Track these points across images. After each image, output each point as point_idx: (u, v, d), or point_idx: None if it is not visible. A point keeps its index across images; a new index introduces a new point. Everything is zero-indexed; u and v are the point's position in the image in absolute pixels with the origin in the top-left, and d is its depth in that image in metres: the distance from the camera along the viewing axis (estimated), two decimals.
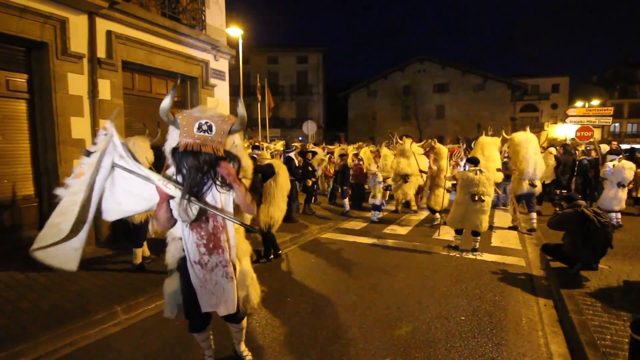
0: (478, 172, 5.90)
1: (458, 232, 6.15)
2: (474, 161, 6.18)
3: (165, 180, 2.23)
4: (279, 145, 12.47)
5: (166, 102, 2.21)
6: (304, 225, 7.61)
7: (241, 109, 2.28)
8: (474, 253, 5.94)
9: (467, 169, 6.28)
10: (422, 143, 9.01)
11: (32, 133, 5.45)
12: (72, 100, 5.50)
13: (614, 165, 7.56)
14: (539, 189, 7.47)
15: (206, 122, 2.16)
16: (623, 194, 7.59)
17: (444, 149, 8.54)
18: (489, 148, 8.73)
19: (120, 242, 5.73)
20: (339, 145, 14.96)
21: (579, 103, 28.03)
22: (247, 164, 2.51)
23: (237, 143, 2.37)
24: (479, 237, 6.03)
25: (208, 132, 2.16)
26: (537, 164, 7.24)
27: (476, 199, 5.78)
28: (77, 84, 5.54)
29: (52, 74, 5.26)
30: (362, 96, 36.02)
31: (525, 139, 7.39)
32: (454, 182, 6.67)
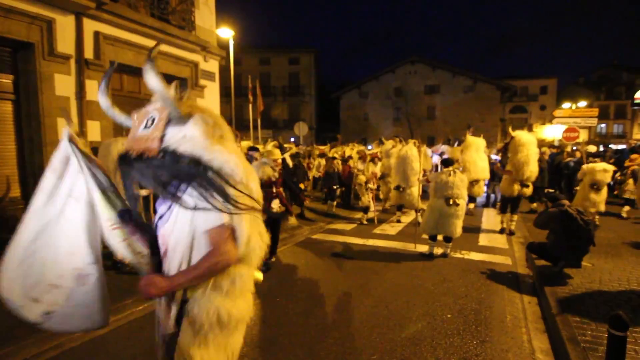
0: (452, 173, 5.58)
1: (432, 238, 5.78)
2: (447, 163, 5.87)
3: None
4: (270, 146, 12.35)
5: (100, 99, 1.74)
6: (295, 226, 7.63)
7: (152, 80, 1.49)
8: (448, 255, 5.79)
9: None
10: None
11: (18, 134, 5.39)
12: (59, 101, 5.45)
13: (585, 167, 7.56)
14: (530, 190, 7.27)
15: (152, 117, 1.54)
16: (597, 196, 7.37)
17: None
18: (481, 148, 9.02)
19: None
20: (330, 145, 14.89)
21: (566, 104, 28.52)
22: (226, 162, 1.49)
23: (192, 134, 1.50)
24: (450, 244, 5.79)
25: (149, 128, 1.52)
26: (534, 166, 7.09)
27: (451, 202, 5.45)
28: (64, 84, 5.50)
29: (39, 74, 5.21)
30: (353, 97, 36.15)
31: (530, 140, 7.22)
32: (427, 184, 6.30)
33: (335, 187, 9.60)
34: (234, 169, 1.50)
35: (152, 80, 1.49)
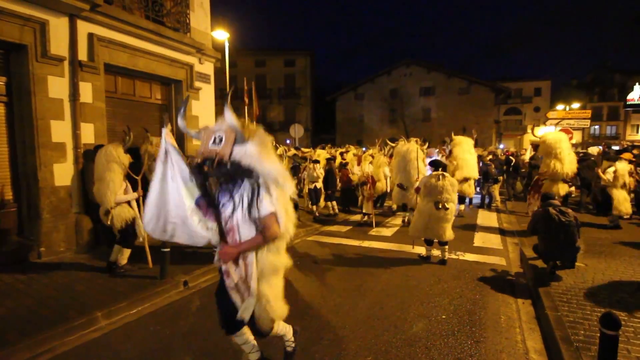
0: (440, 177, 5.42)
1: (428, 242, 5.66)
2: (436, 165, 5.73)
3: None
4: None
5: (179, 121, 2.40)
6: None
7: (229, 118, 2.19)
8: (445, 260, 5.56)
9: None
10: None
11: (11, 137, 5.34)
12: (53, 104, 5.42)
13: (615, 171, 7.53)
14: (566, 188, 7.35)
15: (219, 135, 2.21)
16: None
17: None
18: (469, 146, 9.06)
19: (101, 247, 5.67)
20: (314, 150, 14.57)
21: (560, 106, 28.77)
22: (272, 170, 2.25)
23: (251, 151, 2.21)
24: (446, 247, 5.59)
25: (218, 145, 2.20)
26: (571, 163, 7.11)
27: (440, 206, 5.31)
28: (57, 87, 5.46)
29: (32, 76, 5.18)
30: (349, 99, 36.26)
31: (558, 138, 7.27)
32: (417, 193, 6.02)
33: (332, 191, 9.45)
34: (277, 174, 2.27)
35: (228, 116, 2.19)
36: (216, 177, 2.28)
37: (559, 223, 4.44)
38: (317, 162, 9.48)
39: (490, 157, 12.09)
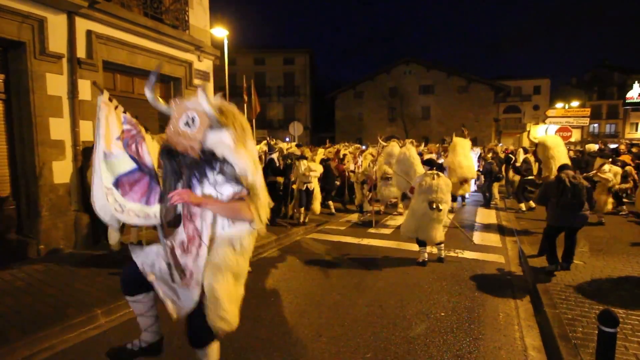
0: (435, 176, 5.33)
1: (421, 244, 5.46)
2: (430, 163, 5.65)
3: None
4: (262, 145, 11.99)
5: (147, 94, 2.17)
6: (289, 226, 7.63)
7: (204, 103, 1.91)
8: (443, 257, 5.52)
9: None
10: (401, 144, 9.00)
11: (9, 134, 5.33)
12: (51, 101, 5.41)
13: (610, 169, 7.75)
14: None
15: (192, 116, 1.93)
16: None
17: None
18: (465, 147, 9.07)
19: (100, 243, 5.69)
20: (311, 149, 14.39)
21: (559, 104, 28.79)
22: (245, 167, 2.01)
23: (226, 141, 1.95)
24: (442, 245, 5.53)
25: (191, 127, 1.92)
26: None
27: (434, 206, 5.16)
28: (56, 84, 5.45)
29: (30, 74, 5.16)
30: (348, 98, 36.24)
31: (557, 142, 7.33)
32: (411, 194, 5.79)
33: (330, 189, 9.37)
34: (247, 170, 2.01)
35: (203, 102, 1.92)
36: (185, 163, 2.00)
37: (569, 185, 4.54)
38: (304, 157, 7.99)
39: (491, 154, 12.18)
